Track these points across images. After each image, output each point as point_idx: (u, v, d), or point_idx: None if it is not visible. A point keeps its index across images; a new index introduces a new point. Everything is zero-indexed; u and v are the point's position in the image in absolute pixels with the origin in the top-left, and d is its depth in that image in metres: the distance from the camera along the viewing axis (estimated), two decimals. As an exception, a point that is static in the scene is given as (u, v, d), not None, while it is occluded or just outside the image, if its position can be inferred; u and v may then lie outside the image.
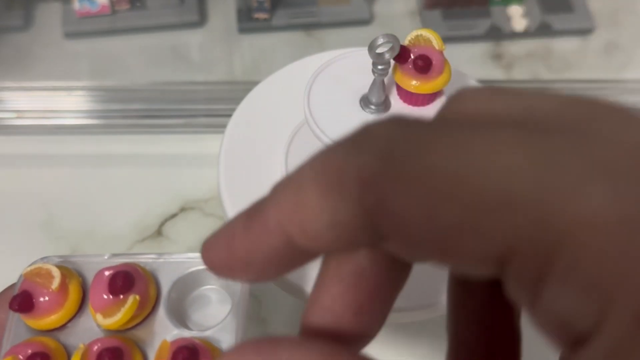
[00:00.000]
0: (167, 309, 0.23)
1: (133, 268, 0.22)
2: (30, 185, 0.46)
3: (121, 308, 0.21)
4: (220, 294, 0.24)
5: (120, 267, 0.22)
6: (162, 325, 0.22)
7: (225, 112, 0.41)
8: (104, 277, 0.22)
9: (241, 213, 0.15)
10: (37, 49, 0.53)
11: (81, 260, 0.24)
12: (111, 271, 0.22)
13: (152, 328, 0.22)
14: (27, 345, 0.21)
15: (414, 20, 0.55)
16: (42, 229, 0.44)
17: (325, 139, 0.28)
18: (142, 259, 0.23)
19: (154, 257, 0.24)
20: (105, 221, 0.44)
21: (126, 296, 0.21)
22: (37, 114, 0.48)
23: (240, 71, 0.53)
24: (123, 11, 0.54)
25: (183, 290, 0.24)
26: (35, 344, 0.21)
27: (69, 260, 0.24)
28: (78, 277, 0.23)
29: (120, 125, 0.48)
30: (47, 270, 0.22)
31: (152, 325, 0.22)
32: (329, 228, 0.13)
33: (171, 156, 0.47)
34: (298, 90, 0.35)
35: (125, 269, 0.22)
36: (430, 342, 0.40)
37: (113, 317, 0.21)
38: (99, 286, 0.22)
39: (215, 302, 0.24)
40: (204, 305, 0.24)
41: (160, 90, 0.49)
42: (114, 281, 0.21)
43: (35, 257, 0.43)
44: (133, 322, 0.22)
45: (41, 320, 0.22)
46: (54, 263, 0.23)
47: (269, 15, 0.54)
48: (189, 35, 0.54)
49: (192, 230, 0.44)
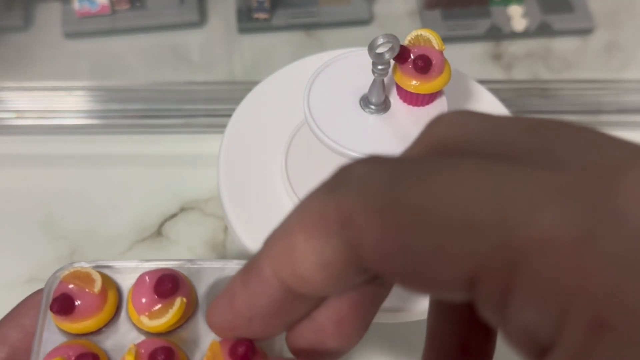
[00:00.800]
0: (203, 314, 0.23)
1: (177, 272, 0.22)
2: (30, 185, 0.46)
3: (169, 310, 0.21)
4: None
5: (164, 271, 0.22)
6: (201, 328, 0.22)
7: (225, 112, 0.41)
8: (146, 280, 0.22)
9: (238, 272, 0.16)
10: (37, 49, 0.53)
11: (115, 265, 0.24)
12: (155, 275, 0.22)
13: (193, 331, 0.22)
14: (70, 348, 0.21)
15: (414, 20, 0.55)
16: (42, 229, 0.44)
17: (325, 138, 0.28)
18: (174, 264, 0.24)
19: (188, 262, 0.24)
20: (105, 221, 0.44)
21: (172, 298, 0.21)
22: (37, 114, 0.48)
23: (240, 71, 0.53)
24: (123, 11, 0.54)
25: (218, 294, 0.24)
26: (77, 346, 0.21)
27: (102, 265, 0.24)
28: (114, 281, 0.23)
29: (120, 125, 0.48)
30: (86, 273, 0.22)
31: (192, 328, 0.22)
32: (319, 269, 0.14)
33: (171, 156, 0.47)
34: (298, 90, 0.35)
35: (171, 272, 0.22)
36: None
37: (161, 319, 0.21)
38: (142, 289, 0.22)
39: None
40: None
41: (160, 90, 0.49)
42: (162, 283, 0.21)
43: (35, 257, 0.43)
44: (176, 325, 0.22)
45: (78, 323, 0.22)
46: (89, 267, 0.23)
47: (269, 15, 0.54)
48: (189, 35, 0.54)
49: (192, 230, 0.44)
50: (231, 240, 0.43)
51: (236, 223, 0.32)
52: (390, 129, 0.30)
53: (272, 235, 0.15)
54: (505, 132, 0.13)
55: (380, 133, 0.30)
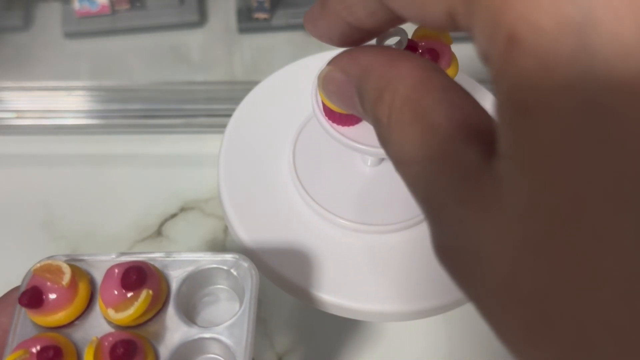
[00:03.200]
0: (176, 306, 0.23)
1: (144, 264, 0.22)
2: (30, 185, 0.46)
3: (134, 302, 0.21)
4: (229, 293, 0.25)
5: (132, 263, 0.22)
6: (172, 322, 0.22)
7: (225, 112, 0.41)
8: (115, 273, 0.22)
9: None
10: (37, 49, 0.53)
11: (89, 259, 0.24)
12: (123, 267, 0.22)
13: (163, 324, 0.22)
14: (37, 340, 0.21)
15: (414, 20, 0.55)
16: (42, 229, 0.44)
17: (334, 132, 0.28)
18: (150, 257, 0.23)
19: (163, 255, 0.24)
20: (105, 221, 0.44)
21: (139, 291, 0.21)
22: (37, 114, 0.48)
23: (240, 71, 0.53)
24: (123, 11, 0.54)
25: (192, 288, 0.24)
26: (44, 339, 0.21)
27: (77, 259, 0.23)
28: (87, 274, 0.23)
29: (120, 125, 0.48)
30: (57, 266, 0.22)
31: (162, 321, 0.22)
32: (368, 18, 0.17)
33: (171, 156, 0.47)
34: (298, 90, 0.35)
35: (138, 264, 0.22)
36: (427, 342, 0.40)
37: (125, 311, 0.21)
38: (110, 282, 0.22)
39: (223, 301, 0.24)
40: (212, 304, 0.24)
41: (160, 90, 0.49)
42: (127, 276, 0.21)
43: (35, 257, 0.43)
44: (144, 318, 0.22)
45: (49, 316, 0.22)
46: (61, 261, 0.23)
47: (269, 15, 0.54)
48: (189, 35, 0.54)
49: (191, 230, 0.44)
50: (231, 240, 0.43)
51: (236, 223, 0.32)
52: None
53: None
54: None
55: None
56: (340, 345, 0.40)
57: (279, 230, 0.32)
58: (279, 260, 0.31)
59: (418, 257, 0.32)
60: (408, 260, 0.32)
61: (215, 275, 0.24)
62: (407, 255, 0.32)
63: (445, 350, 0.39)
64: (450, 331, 0.40)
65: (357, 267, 0.31)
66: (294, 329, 0.40)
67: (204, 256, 0.24)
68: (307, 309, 0.39)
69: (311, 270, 0.31)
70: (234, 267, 0.23)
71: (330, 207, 0.32)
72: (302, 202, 0.33)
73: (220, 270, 0.24)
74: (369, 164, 0.34)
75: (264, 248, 0.32)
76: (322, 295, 0.30)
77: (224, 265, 0.23)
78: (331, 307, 0.31)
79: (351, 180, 0.34)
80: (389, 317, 0.31)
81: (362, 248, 0.32)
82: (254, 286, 0.23)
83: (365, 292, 0.31)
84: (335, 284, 0.31)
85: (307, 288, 0.30)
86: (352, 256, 0.32)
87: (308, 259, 0.31)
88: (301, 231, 0.32)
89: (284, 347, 0.40)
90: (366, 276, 0.31)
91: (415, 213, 0.32)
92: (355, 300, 0.30)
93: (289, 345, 0.40)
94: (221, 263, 0.24)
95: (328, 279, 0.31)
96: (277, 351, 0.40)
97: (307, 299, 0.31)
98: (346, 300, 0.30)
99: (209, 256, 0.24)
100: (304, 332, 0.40)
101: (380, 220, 0.32)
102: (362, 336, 0.40)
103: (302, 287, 0.31)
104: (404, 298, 0.30)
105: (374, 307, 0.30)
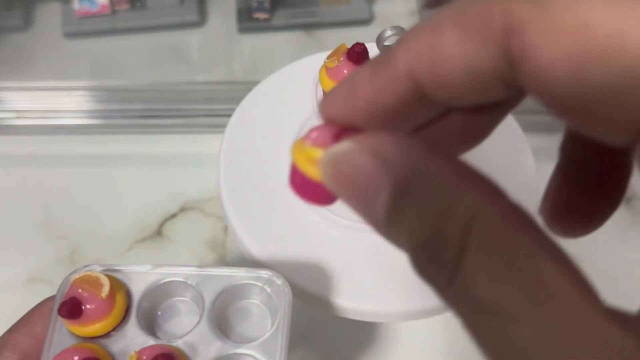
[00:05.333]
0: (210, 321, 0.23)
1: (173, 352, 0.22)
2: (30, 185, 0.46)
3: None
4: (261, 308, 0.25)
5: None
6: (207, 336, 0.23)
7: (225, 112, 0.41)
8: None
9: (367, 63, 0.14)
10: (37, 49, 0.53)
11: (125, 269, 0.24)
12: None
13: (198, 338, 0.23)
14: (76, 351, 0.21)
15: (414, 20, 0.55)
16: (42, 229, 0.44)
17: None
18: (185, 271, 0.24)
19: (197, 269, 0.24)
20: (105, 221, 0.44)
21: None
22: (37, 114, 0.48)
23: (240, 71, 0.53)
24: (123, 11, 0.54)
25: (226, 302, 0.24)
26: (83, 349, 0.21)
27: (112, 269, 0.24)
28: (124, 285, 0.23)
29: (120, 125, 0.48)
30: (95, 277, 0.22)
31: (197, 335, 0.23)
32: (464, 74, 0.12)
33: (171, 156, 0.47)
34: (298, 90, 0.35)
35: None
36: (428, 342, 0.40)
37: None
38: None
39: (255, 316, 0.25)
40: (244, 319, 0.25)
41: (160, 90, 0.49)
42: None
43: (35, 257, 0.43)
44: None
45: (87, 327, 0.22)
46: (99, 271, 0.23)
47: (269, 15, 0.54)
48: (189, 35, 0.54)
49: (192, 230, 0.44)
50: (231, 240, 0.43)
51: (236, 223, 0.32)
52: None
53: (416, 29, 0.13)
54: None
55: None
56: (341, 345, 0.40)
57: (279, 230, 0.32)
58: (279, 260, 0.31)
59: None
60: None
61: (248, 290, 0.24)
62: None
63: (445, 351, 0.39)
64: (451, 331, 0.40)
65: (360, 267, 0.31)
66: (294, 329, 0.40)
67: (238, 272, 0.24)
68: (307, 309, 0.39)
69: (312, 270, 0.31)
70: (268, 283, 0.24)
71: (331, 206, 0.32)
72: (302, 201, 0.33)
73: (254, 286, 0.24)
74: (369, 163, 0.34)
75: (264, 248, 0.32)
76: (322, 295, 0.30)
77: (258, 282, 0.24)
78: (332, 307, 0.31)
79: (351, 180, 0.33)
80: (394, 317, 0.31)
81: (363, 247, 0.32)
82: (287, 303, 0.23)
83: (367, 293, 0.31)
84: (337, 284, 0.31)
85: (307, 288, 0.30)
86: (354, 256, 0.31)
87: (309, 259, 0.31)
88: (302, 231, 0.32)
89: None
90: (369, 276, 0.31)
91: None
92: (357, 300, 0.30)
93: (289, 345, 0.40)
94: (255, 279, 0.24)
95: (329, 279, 0.31)
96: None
97: (307, 299, 0.31)
98: (348, 301, 0.30)
99: (243, 272, 0.24)
100: (304, 332, 0.40)
101: (380, 220, 0.32)
102: (363, 336, 0.40)
103: (302, 287, 0.31)
104: (408, 297, 0.30)
105: (378, 307, 0.30)
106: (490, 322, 0.11)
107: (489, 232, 0.11)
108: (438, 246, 0.12)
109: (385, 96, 0.13)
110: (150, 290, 0.23)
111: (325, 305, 0.31)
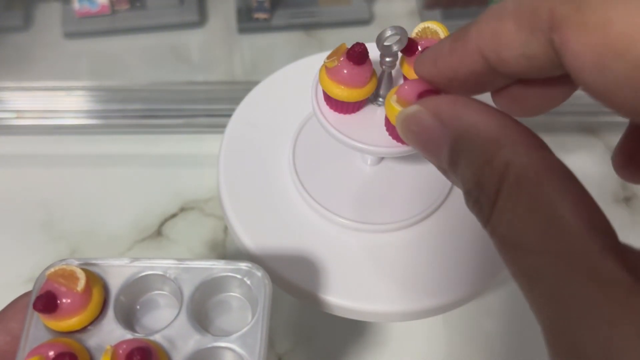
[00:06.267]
0: (189, 314, 0.23)
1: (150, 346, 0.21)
2: (30, 185, 0.46)
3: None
4: (241, 301, 0.25)
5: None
6: (185, 330, 0.22)
7: (225, 112, 0.41)
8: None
9: (448, 36, 0.18)
10: (37, 49, 0.53)
11: (102, 263, 0.23)
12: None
13: (176, 332, 0.22)
14: (52, 346, 0.21)
15: (414, 20, 0.55)
16: (42, 229, 0.44)
17: (334, 131, 0.28)
18: (163, 264, 0.23)
19: (175, 262, 0.24)
20: (105, 221, 0.44)
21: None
22: (37, 114, 0.48)
23: (240, 71, 0.53)
24: (123, 11, 0.54)
25: (205, 295, 0.24)
26: (59, 344, 0.21)
27: (89, 263, 0.23)
28: (100, 279, 0.23)
29: (120, 125, 0.48)
30: (71, 271, 0.22)
31: (175, 329, 0.22)
32: (522, 58, 0.15)
33: (171, 156, 0.47)
34: (298, 90, 0.35)
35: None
36: (427, 342, 0.40)
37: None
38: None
39: (235, 309, 0.24)
40: (224, 312, 0.24)
41: (160, 90, 0.49)
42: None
43: (35, 257, 0.43)
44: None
45: (63, 321, 0.22)
46: (75, 265, 0.23)
47: (269, 15, 0.54)
48: (189, 35, 0.54)
49: (191, 230, 0.44)
50: (231, 240, 0.43)
51: (236, 223, 0.32)
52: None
53: (486, 14, 0.16)
54: None
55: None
56: (340, 346, 0.40)
57: (279, 230, 0.32)
58: (279, 259, 0.31)
59: (418, 257, 0.32)
60: (408, 259, 0.32)
61: (228, 283, 0.24)
62: (407, 254, 0.32)
63: (445, 350, 0.39)
64: (450, 331, 0.40)
65: (357, 266, 0.31)
66: (294, 329, 0.40)
67: (217, 264, 0.24)
68: (307, 309, 0.39)
69: (311, 269, 0.31)
70: (247, 275, 0.23)
71: (330, 206, 0.32)
72: (302, 201, 0.33)
73: (234, 278, 0.24)
74: (369, 162, 0.34)
75: (264, 248, 0.32)
76: (321, 295, 0.30)
77: (238, 274, 0.23)
78: (331, 307, 0.31)
79: (351, 179, 0.34)
80: (389, 317, 0.31)
81: (362, 247, 0.32)
82: (267, 296, 0.23)
83: (364, 292, 0.31)
84: (335, 283, 0.31)
85: (306, 288, 0.30)
86: (352, 255, 0.32)
87: (308, 259, 0.31)
88: (301, 230, 0.32)
89: (284, 347, 0.40)
90: (366, 276, 0.31)
91: (415, 212, 0.32)
92: (355, 300, 0.30)
93: (289, 346, 0.40)
94: (234, 271, 0.23)
95: (328, 279, 0.31)
96: (277, 351, 0.40)
97: (307, 298, 0.31)
98: (346, 300, 0.30)
99: (222, 264, 0.24)
100: (304, 332, 0.40)
101: (380, 219, 0.32)
102: (362, 336, 0.40)
103: (302, 287, 0.31)
104: (404, 298, 0.30)
105: (374, 307, 0.30)
106: (512, 253, 0.14)
107: (517, 180, 0.14)
108: (480, 192, 0.15)
109: (461, 66, 0.17)
110: (128, 284, 0.23)
111: (324, 304, 0.31)
